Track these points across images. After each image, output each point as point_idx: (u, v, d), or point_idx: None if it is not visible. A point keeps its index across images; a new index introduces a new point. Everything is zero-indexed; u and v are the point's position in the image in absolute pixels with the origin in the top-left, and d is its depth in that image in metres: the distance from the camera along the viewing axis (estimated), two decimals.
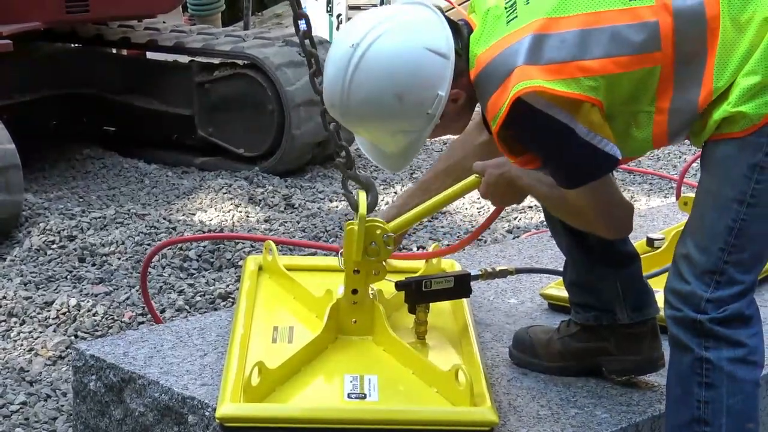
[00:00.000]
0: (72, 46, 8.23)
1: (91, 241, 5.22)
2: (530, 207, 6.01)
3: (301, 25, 5.37)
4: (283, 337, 3.00)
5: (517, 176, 2.66)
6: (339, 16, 10.70)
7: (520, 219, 5.98)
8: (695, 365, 2.48)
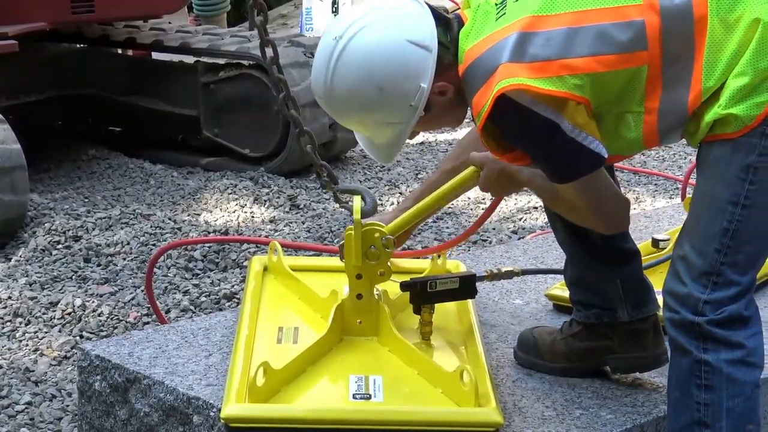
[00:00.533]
0: (77, 46, 8.23)
1: (96, 242, 5.22)
2: (535, 208, 5.99)
3: (268, 52, 5.42)
4: (288, 338, 3.00)
5: (518, 170, 2.66)
6: None
7: (525, 220, 5.97)
8: (694, 368, 2.48)
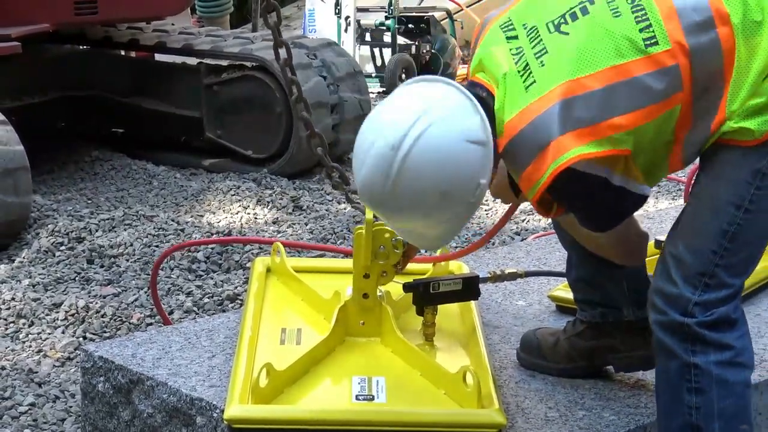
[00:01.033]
0: (80, 47, 8.24)
1: (99, 243, 5.22)
2: None
3: (282, 53, 5.41)
4: (291, 339, 3.00)
5: None
6: (347, 18, 10.66)
7: (528, 221, 5.97)
8: (683, 371, 2.47)
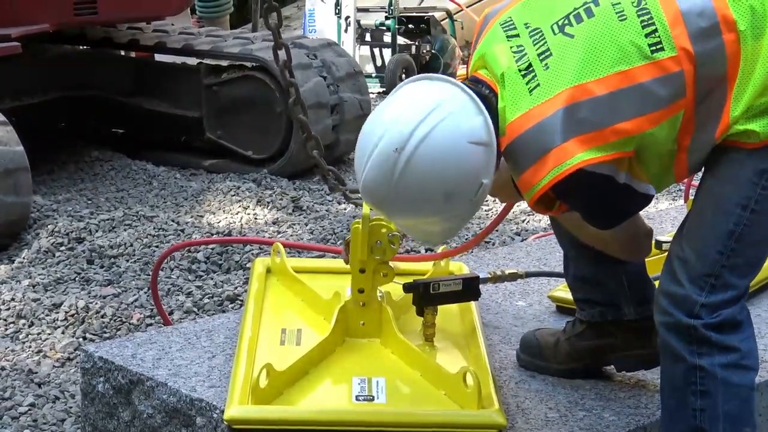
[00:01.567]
0: (80, 48, 8.25)
1: (99, 243, 5.22)
2: None
3: (281, 55, 5.40)
4: (291, 340, 3.00)
5: None
6: (347, 18, 10.66)
7: (528, 221, 5.97)
8: (689, 374, 2.46)
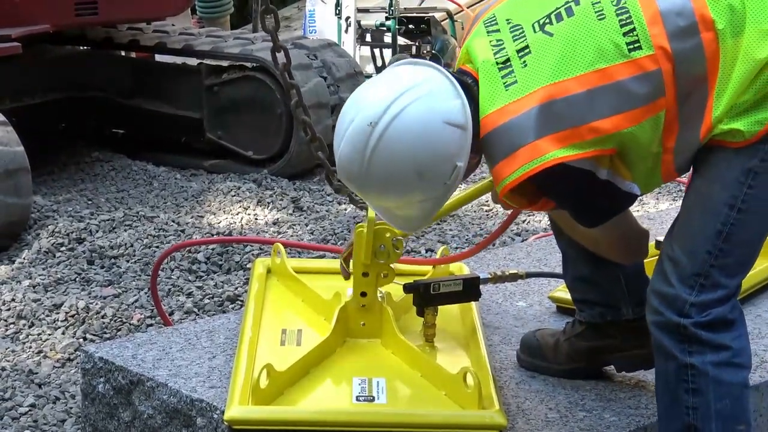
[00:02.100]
0: (81, 48, 8.24)
1: (99, 244, 5.22)
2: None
3: (280, 57, 5.39)
4: (291, 340, 3.00)
5: None
6: (348, 18, 10.65)
7: (529, 222, 5.97)
8: (681, 372, 2.47)
